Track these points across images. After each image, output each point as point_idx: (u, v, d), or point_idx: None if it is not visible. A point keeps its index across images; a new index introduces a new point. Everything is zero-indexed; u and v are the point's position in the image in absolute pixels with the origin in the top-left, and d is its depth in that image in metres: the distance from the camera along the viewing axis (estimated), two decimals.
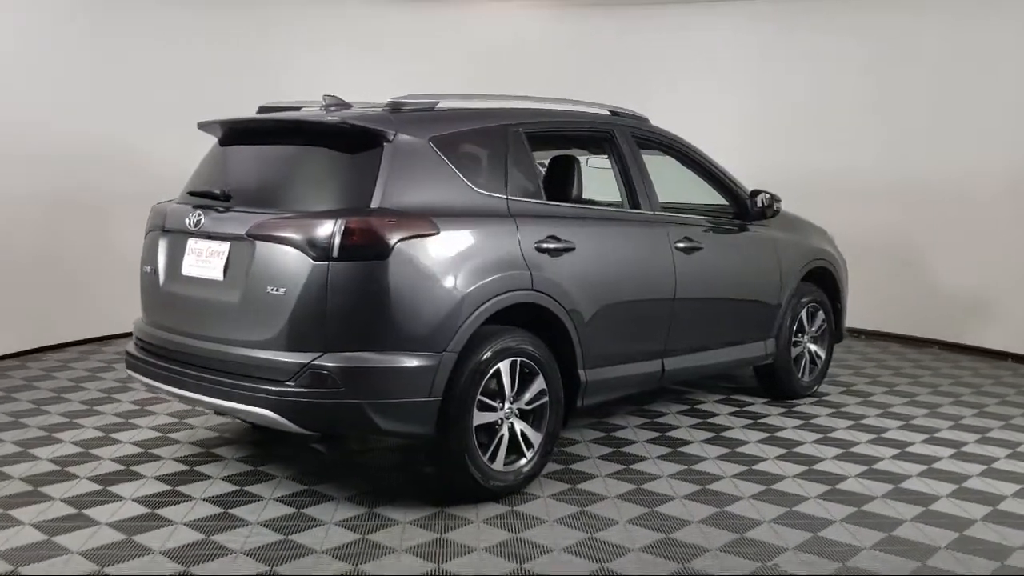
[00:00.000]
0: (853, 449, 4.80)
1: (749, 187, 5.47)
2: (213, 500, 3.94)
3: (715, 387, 6.13)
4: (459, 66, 8.70)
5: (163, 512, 3.80)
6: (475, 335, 3.81)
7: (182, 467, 4.37)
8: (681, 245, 4.83)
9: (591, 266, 4.33)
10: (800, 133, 8.50)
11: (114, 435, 4.88)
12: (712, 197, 5.52)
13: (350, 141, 3.81)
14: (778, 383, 5.79)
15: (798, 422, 5.31)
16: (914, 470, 4.47)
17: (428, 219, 3.70)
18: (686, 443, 4.85)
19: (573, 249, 4.23)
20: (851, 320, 8.30)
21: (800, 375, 5.85)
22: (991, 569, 3.38)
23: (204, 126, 4.28)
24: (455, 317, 3.71)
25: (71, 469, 4.32)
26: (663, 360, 4.83)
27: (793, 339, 5.75)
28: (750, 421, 5.31)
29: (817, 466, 4.51)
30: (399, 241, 3.58)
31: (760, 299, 5.44)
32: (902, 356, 7.49)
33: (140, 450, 4.63)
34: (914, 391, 6.17)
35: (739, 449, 4.77)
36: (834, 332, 6.12)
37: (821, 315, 5.96)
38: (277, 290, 3.61)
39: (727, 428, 5.16)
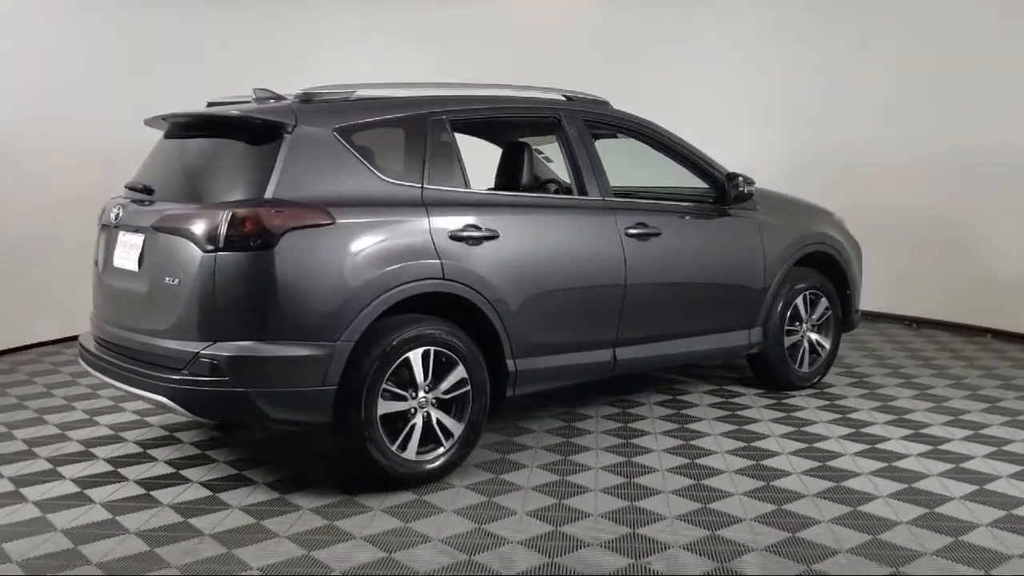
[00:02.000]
0: (817, 445, 4.55)
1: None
2: (143, 482, 4.11)
3: (710, 376, 5.92)
4: (494, 55, 8.69)
5: (90, 492, 3.98)
6: (377, 325, 3.82)
7: (136, 450, 4.57)
8: (633, 231, 4.68)
9: (518, 254, 4.26)
10: (841, 111, 8.10)
11: (97, 417, 5.14)
12: (696, 182, 5.33)
13: (252, 134, 3.88)
14: (770, 374, 5.55)
15: (777, 415, 5.07)
16: (868, 467, 4.20)
17: (322, 209, 3.73)
18: (642, 435, 4.72)
19: (496, 237, 4.17)
20: (901, 308, 7.94)
21: (798, 365, 5.58)
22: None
23: (150, 122, 4.44)
24: (349, 307, 3.73)
25: (36, 449, 4.58)
26: (615, 349, 4.70)
27: (787, 328, 5.49)
28: (727, 413, 5.11)
29: (766, 462, 4.31)
30: (287, 231, 3.62)
31: (739, 286, 5.21)
32: (944, 346, 7.03)
33: (110, 432, 4.86)
34: (931, 383, 5.79)
35: (694, 442, 4.60)
36: (841, 320, 5.79)
37: (823, 302, 5.66)
38: (173, 280, 3.72)
39: (696, 420, 4.98)
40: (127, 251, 4.05)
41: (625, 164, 5.68)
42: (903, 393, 5.55)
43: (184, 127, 4.28)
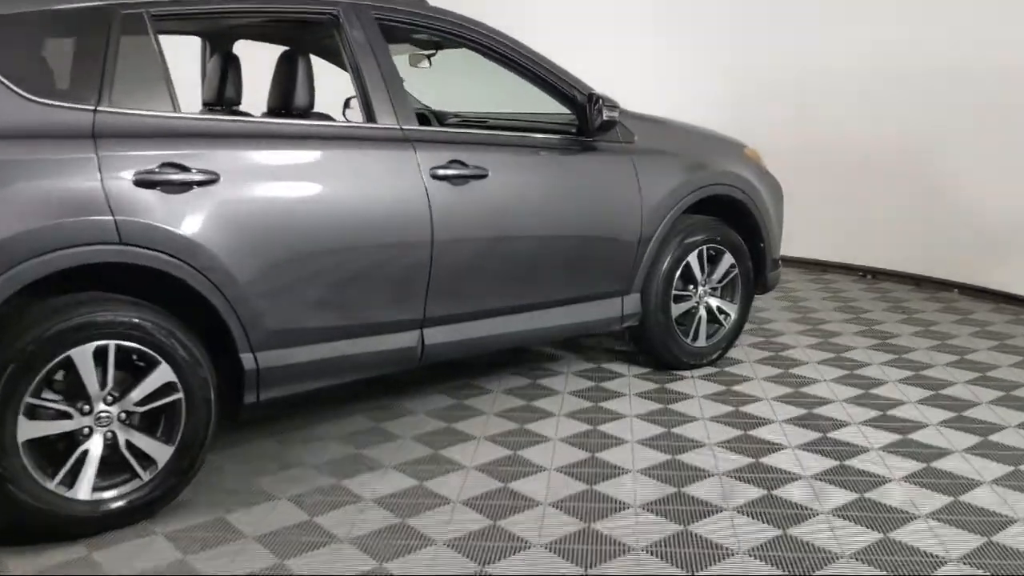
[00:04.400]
0: (682, 457, 3.41)
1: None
2: None
3: (592, 349, 4.74)
4: None
5: None
6: (11, 313, 2.66)
7: None
8: (443, 172, 3.47)
9: (253, 204, 3.05)
10: (784, 16, 6.78)
11: None
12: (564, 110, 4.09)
13: None
14: (654, 350, 4.38)
15: (650, 408, 3.91)
16: (742, 495, 3.06)
17: None
18: (465, 441, 3.56)
19: (215, 181, 2.96)
20: (855, 256, 6.75)
21: (691, 338, 4.40)
22: None
23: None
24: None
25: None
26: (422, 331, 3.53)
27: (677, 292, 4.31)
28: (586, 405, 3.96)
29: (601, 486, 3.16)
30: None
31: (604, 241, 4.02)
32: (897, 304, 5.86)
33: None
34: (866, 358, 4.63)
35: (523, 451, 3.45)
36: (752, 280, 4.60)
37: (727, 259, 4.46)
38: None
39: (544, 416, 3.82)
40: None
41: (475, 86, 4.50)
42: (827, 373, 4.38)
43: None
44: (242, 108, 4.11)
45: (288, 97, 3.42)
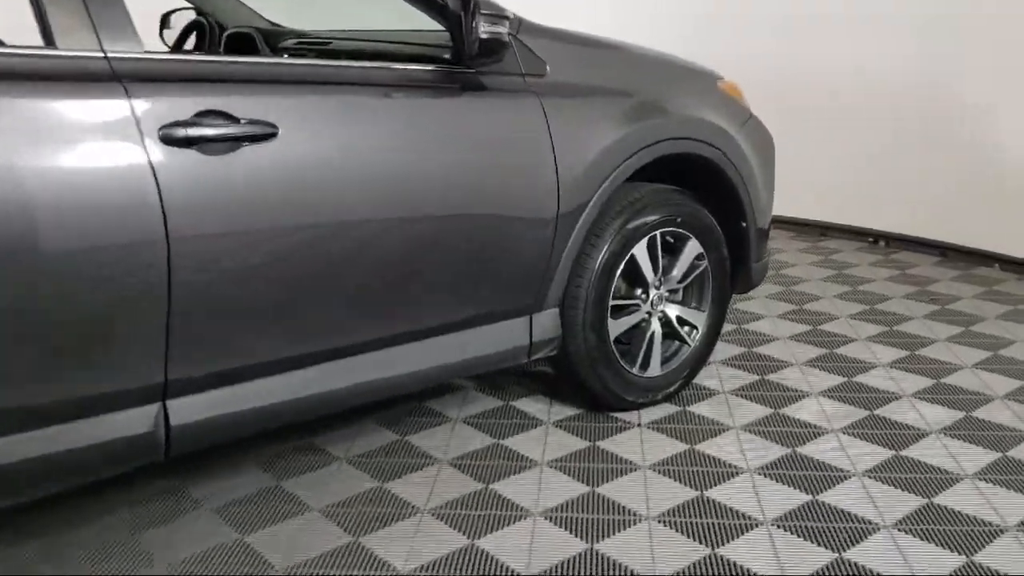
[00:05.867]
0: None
1: None
2: None
3: (503, 379, 3.32)
4: None
5: None
6: None
7: None
8: (185, 132, 1.98)
9: None
10: None
11: None
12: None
13: None
14: (585, 385, 2.95)
15: (568, 494, 2.51)
16: None
17: None
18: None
19: None
20: (868, 219, 5.35)
21: (639, 366, 2.98)
22: None
23: None
24: None
25: None
26: (164, 405, 2.08)
27: (617, 300, 2.89)
28: (475, 487, 2.56)
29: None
30: None
31: (495, 234, 2.56)
32: (922, 287, 4.47)
33: None
34: (889, 388, 3.22)
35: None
36: (727, 276, 3.17)
37: (693, 248, 3.03)
38: None
39: (393, 516, 2.42)
40: None
41: None
42: (837, 416, 2.98)
43: None
44: None
45: None
